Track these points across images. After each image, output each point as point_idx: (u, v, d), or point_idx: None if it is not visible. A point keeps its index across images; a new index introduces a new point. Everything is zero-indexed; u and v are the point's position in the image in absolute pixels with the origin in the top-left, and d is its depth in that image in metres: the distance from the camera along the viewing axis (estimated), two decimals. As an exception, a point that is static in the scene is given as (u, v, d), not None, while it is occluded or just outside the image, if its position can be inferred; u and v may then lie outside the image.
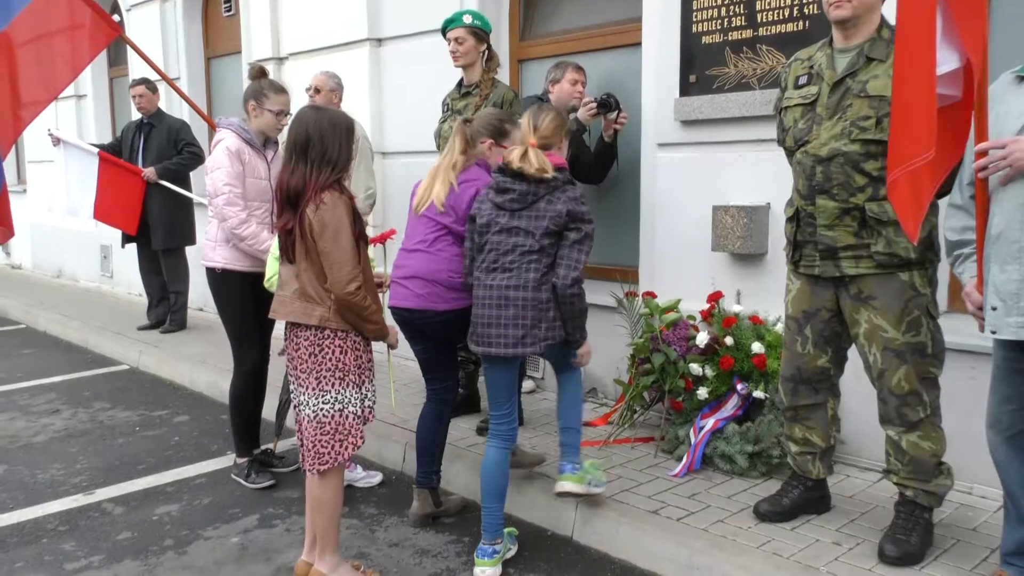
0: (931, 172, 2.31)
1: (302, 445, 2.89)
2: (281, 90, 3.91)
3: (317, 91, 5.31)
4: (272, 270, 3.38)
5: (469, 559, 3.17)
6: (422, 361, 3.41)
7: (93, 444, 4.58)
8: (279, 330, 3.16)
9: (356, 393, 2.85)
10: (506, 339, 2.93)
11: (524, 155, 2.95)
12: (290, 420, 3.60)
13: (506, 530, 3.16)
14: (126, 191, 6.46)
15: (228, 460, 4.28)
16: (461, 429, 4.18)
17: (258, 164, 3.80)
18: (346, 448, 2.83)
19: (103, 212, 6.44)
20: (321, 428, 2.81)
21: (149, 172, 6.54)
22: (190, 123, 7.02)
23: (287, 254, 2.81)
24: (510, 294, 2.92)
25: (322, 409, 2.80)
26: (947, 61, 2.29)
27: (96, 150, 6.52)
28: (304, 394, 2.83)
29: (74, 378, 6.05)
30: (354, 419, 2.85)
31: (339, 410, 2.81)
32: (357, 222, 2.77)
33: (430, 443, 3.44)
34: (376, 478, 3.92)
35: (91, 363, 6.51)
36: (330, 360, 2.79)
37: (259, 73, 3.94)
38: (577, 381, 3.27)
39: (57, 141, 6.39)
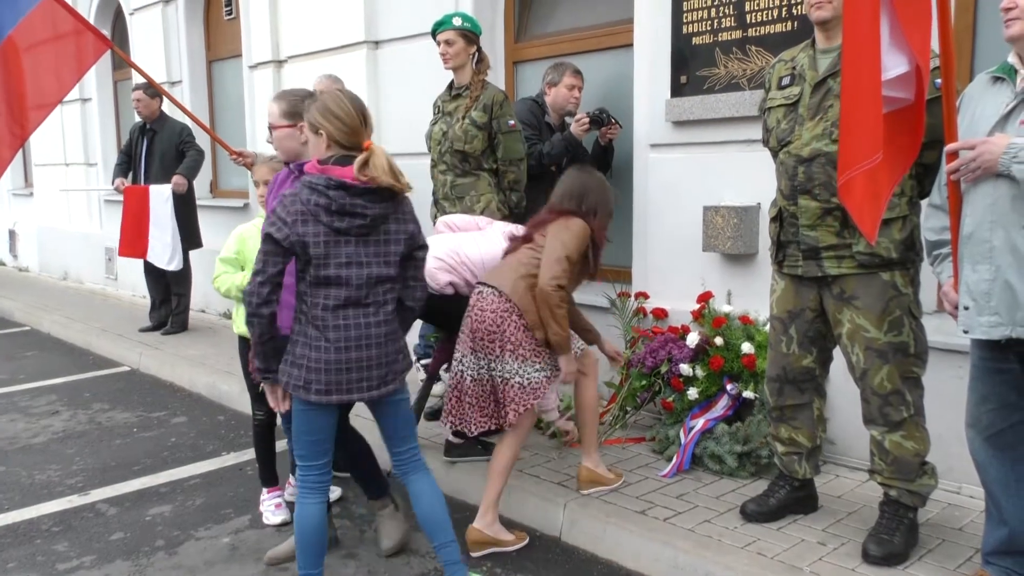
0: (889, 172, 2.32)
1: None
2: None
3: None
4: (217, 270, 3.38)
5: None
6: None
7: (90, 445, 4.63)
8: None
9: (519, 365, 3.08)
10: (369, 381, 2.58)
11: (366, 163, 2.45)
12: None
13: None
14: (142, 215, 6.55)
15: (222, 461, 4.32)
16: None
17: None
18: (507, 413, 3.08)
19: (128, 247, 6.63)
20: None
21: (178, 182, 6.61)
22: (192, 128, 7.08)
23: None
24: (372, 332, 2.55)
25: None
26: (896, 65, 2.30)
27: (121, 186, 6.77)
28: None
29: (75, 380, 6.10)
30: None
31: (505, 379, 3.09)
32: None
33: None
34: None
35: (92, 365, 6.56)
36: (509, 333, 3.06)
37: None
38: (432, 481, 2.83)
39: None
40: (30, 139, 10.39)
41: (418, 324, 4.42)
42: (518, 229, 3.71)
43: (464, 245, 3.66)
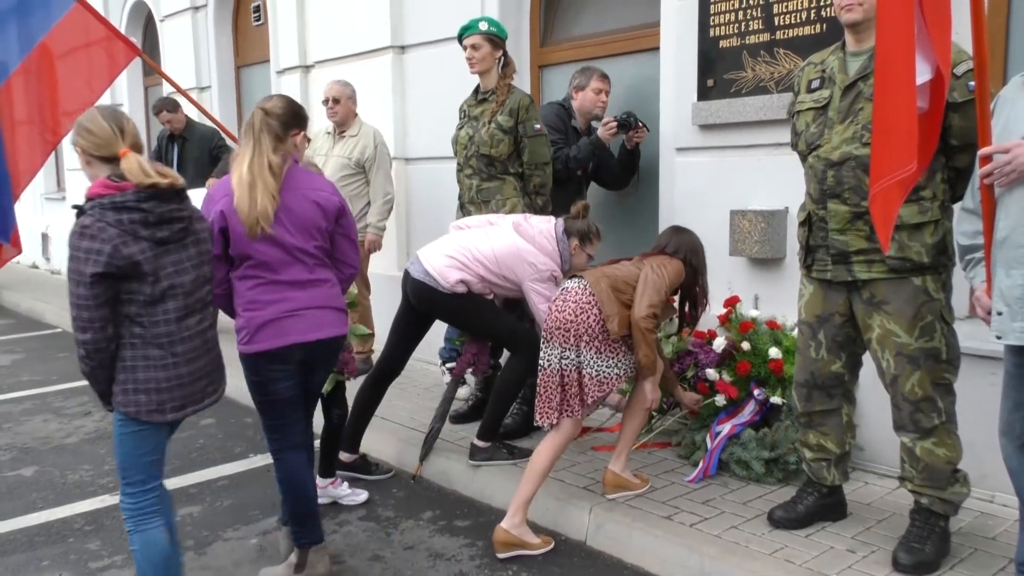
0: (900, 183, 2.30)
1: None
2: None
3: (336, 102, 5.40)
4: None
5: (483, 563, 3.19)
6: (294, 397, 2.97)
7: (121, 446, 4.68)
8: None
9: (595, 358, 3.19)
10: (211, 386, 2.61)
11: (147, 172, 2.38)
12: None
13: None
14: None
15: (250, 463, 4.35)
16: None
17: None
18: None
19: None
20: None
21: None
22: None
23: None
24: (208, 336, 2.57)
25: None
26: (922, 73, 2.28)
27: None
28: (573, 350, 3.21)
29: (106, 381, 6.17)
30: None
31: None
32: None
33: (311, 498, 3.02)
34: (362, 496, 3.78)
35: (123, 366, 6.64)
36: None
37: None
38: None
39: None
40: (63, 144, 10.61)
41: (443, 327, 4.44)
42: (527, 219, 3.78)
43: (474, 240, 3.71)
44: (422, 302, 3.75)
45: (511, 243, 3.65)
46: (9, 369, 6.72)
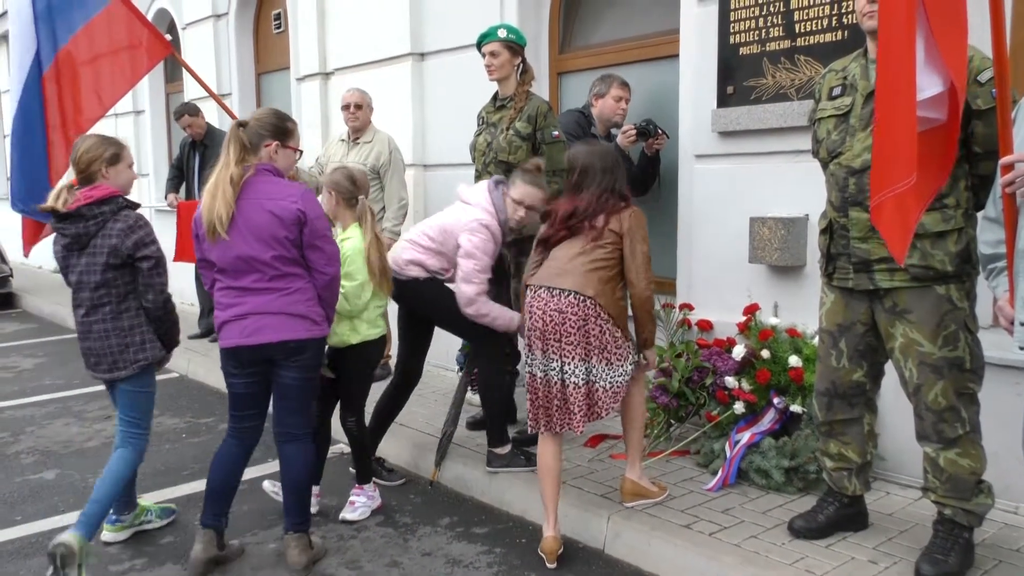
0: (918, 195, 2.28)
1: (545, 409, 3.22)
2: None
3: (358, 107, 5.44)
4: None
5: (500, 569, 3.19)
6: (247, 396, 3.30)
7: (142, 450, 4.72)
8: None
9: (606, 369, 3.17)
10: (101, 367, 3.26)
11: (58, 195, 3.13)
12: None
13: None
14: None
15: (269, 468, 4.37)
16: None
17: None
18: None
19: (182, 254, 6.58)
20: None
21: None
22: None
23: None
24: (93, 328, 3.21)
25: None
26: (931, 86, 2.26)
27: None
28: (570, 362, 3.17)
29: (127, 385, 6.22)
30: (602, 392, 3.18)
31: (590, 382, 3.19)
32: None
33: (229, 484, 3.30)
34: (375, 501, 3.79)
35: (143, 371, 6.69)
36: (594, 335, 3.13)
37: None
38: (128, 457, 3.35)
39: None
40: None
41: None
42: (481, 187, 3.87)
43: (427, 220, 3.94)
44: (396, 295, 3.82)
45: (450, 208, 3.85)
46: (32, 373, 6.80)
